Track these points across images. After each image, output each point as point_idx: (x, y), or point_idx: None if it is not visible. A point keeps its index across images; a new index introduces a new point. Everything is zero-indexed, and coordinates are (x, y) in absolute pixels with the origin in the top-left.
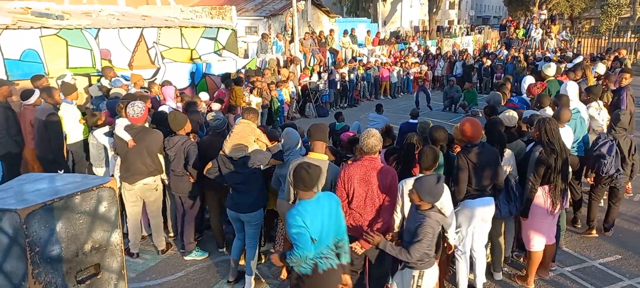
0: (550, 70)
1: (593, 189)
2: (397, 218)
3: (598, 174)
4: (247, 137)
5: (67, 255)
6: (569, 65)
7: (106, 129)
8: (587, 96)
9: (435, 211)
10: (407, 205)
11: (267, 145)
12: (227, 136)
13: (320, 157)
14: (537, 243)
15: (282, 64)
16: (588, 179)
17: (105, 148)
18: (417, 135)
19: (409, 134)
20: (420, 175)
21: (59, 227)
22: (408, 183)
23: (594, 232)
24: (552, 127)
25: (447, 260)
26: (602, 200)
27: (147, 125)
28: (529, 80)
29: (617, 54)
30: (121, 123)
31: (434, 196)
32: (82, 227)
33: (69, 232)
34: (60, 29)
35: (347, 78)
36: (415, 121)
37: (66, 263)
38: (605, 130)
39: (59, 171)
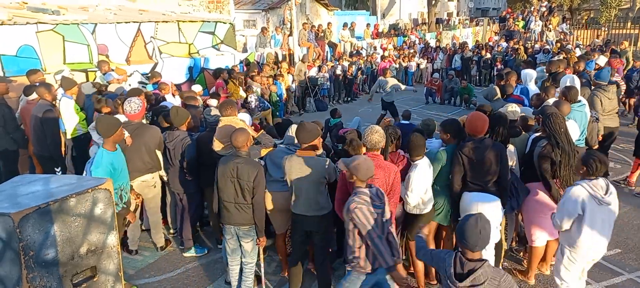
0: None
1: None
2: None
3: None
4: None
5: (62, 259)
6: None
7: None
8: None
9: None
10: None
11: (253, 136)
12: (214, 137)
13: (308, 154)
14: (539, 238)
15: (280, 58)
16: None
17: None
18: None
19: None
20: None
21: (53, 230)
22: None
23: None
24: (557, 121)
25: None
26: None
27: (144, 121)
28: (530, 73)
29: (613, 47)
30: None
31: None
32: (78, 230)
33: (64, 234)
34: (57, 24)
35: (347, 71)
36: (408, 122)
37: (62, 267)
38: None
39: (56, 169)
